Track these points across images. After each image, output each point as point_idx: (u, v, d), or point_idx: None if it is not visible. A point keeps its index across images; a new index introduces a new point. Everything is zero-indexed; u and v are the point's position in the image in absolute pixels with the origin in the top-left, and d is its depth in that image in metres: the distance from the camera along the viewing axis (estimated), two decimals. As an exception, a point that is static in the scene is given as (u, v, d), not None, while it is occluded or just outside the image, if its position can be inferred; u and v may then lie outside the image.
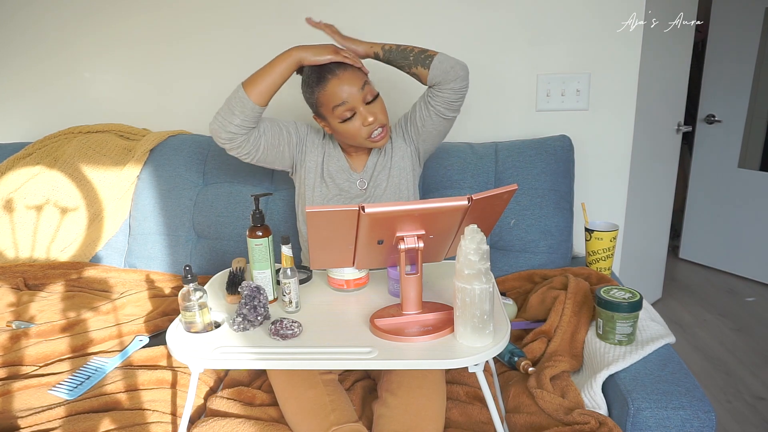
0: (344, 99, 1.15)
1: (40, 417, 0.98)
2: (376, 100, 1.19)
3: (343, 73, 1.15)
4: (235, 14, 1.82)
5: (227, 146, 1.18)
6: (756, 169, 2.65)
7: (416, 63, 1.19)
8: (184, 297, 0.92)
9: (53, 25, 1.97)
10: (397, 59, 1.21)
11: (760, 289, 2.61)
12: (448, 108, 1.22)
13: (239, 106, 1.13)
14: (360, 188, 1.29)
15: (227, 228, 1.63)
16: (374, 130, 1.19)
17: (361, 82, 1.16)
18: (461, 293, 0.83)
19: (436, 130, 1.27)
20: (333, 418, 0.93)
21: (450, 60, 1.18)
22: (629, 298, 1.06)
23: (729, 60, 2.63)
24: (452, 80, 1.18)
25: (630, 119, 1.69)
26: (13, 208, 1.74)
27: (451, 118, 1.25)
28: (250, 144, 1.19)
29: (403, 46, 1.21)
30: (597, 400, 0.99)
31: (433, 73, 1.18)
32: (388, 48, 1.21)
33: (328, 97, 1.16)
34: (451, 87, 1.19)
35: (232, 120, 1.14)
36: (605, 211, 1.78)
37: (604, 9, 1.61)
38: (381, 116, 1.19)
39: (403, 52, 1.20)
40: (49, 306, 1.43)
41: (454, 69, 1.17)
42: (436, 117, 1.23)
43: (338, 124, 1.18)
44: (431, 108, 1.22)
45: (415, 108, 1.27)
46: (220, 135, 1.16)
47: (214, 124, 1.16)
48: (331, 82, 1.15)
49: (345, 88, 1.15)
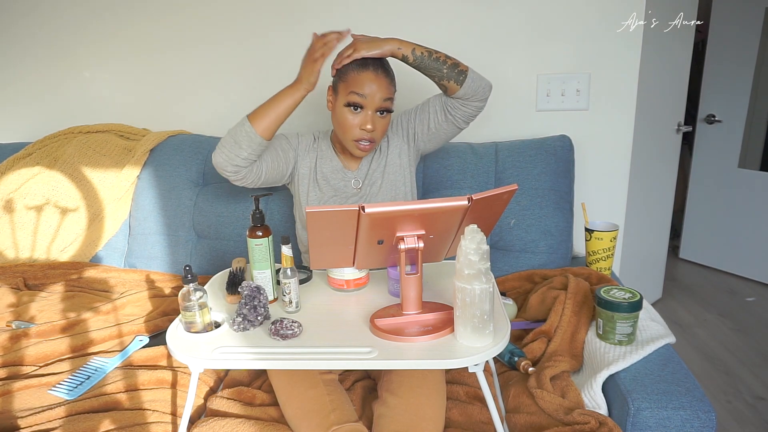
0: (365, 93, 1.16)
1: (40, 417, 0.99)
2: (386, 115, 1.20)
3: (381, 75, 1.17)
4: (236, 15, 1.82)
5: (232, 178, 1.19)
6: (756, 169, 2.65)
7: (449, 77, 1.18)
8: (184, 297, 0.92)
9: (54, 26, 1.97)
10: (429, 68, 1.18)
11: (760, 289, 2.61)
12: (466, 120, 1.27)
13: (246, 140, 1.13)
14: (354, 187, 1.30)
15: (227, 228, 1.63)
16: (364, 139, 1.20)
17: (388, 93, 1.18)
18: (461, 293, 0.83)
19: (445, 135, 1.31)
20: (333, 418, 0.93)
21: (480, 79, 1.21)
22: (629, 298, 1.06)
23: (729, 60, 2.63)
24: (478, 99, 1.23)
25: (630, 119, 1.69)
26: (13, 208, 1.74)
27: (464, 127, 1.29)
28: (253, 174, 1.20)
29: (435, 53, 1.18)
30: (597, 400, 0.99)
31: (464, 91, 1.20)
32: (420, 53, 1.17)
33: (356, 81, 1.16)
34: (475, 105, 1.23)
35: (240, 153, 1.14)
36: (605, 211, 1.78)
37: (604, 9, 1.61)
38: (378, 133, 1.20)
39: (436, 62, 1.17)
40: (49, 306, 1.43)
41: (483, 90, 1.22)
42: (452, 125, 1.27)
43: (343, 106, 1.19)
44: (449, 116, 1.25)
45: (427, 111, 1.28)
46: (226, 168, 1.16)
47: (218, 157, 1.15)
48: (369, 71, 1.16)
49: (373, 87, 1.16)
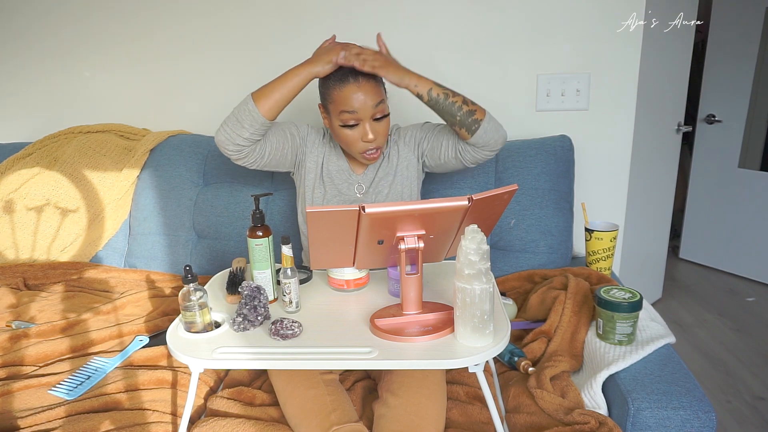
0: (355, 108, 1.12)
1: (40, 417, 0.99)
2: (384, 119, 1.17)
3: (364, 83, 1.12)
4: (236, 15, 1.82)
5: (233, 157, 1.17)
6: (756, 169, 2.65)
7: (461, 125, 1.15)
8: (184, 297, 0.92)
9: (54, 25, 1.97)
10: (443, 111, 1.15)
11: (760, 289, 2.61)
12: (474, 163, 1.24)
13: (249, 120, 1.11)
14: (358, 193, 1.28)
15: (227, 228, 1.63)
16: (369, 149, 1.18)
17: (378, 97, 1.14)
18: (461, 293, 0.83)
19: (452, 168, 1.28)
20: (333, 418, 0.93)
21: (493, 132, 1.16)
22: (629, 298, 1.06)
23: (729, 60, 2.63)
24: (489, 150, 1.20)
25: (630, 119, 1.69)
26: (13, 209, 1.74)
27: (473, 167, 1.28)
28: (256, 153, 1.17)
29: (452, 96, 1.14)
30: (597, 400, 0.99)
31: (475, 140, 1.16)
32: (436, 95, 1.13)
33: (341, 98, 1.13)
34: (485, 153, 1.21)
35: (242, 133, 1.12)
36: (605, 211, 1.78)
37: (604, 9, 1.61)
38: (381, 138, 1.18)
39: (451, 107, 1.13)
40: (49, 306, 1.43)
41: (495, 141, 1.18)
42: (460, 164, 1.24)
43: (339, 126, 1.17)
44: (459, 156, 1.22)
45: (440, 142, 1.23)
46: (227, 147, 1.14)
47: (220, 135, 1.13)
48: (350, 85, 1.12)
49: (360, 98, 1.12)
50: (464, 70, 1.72)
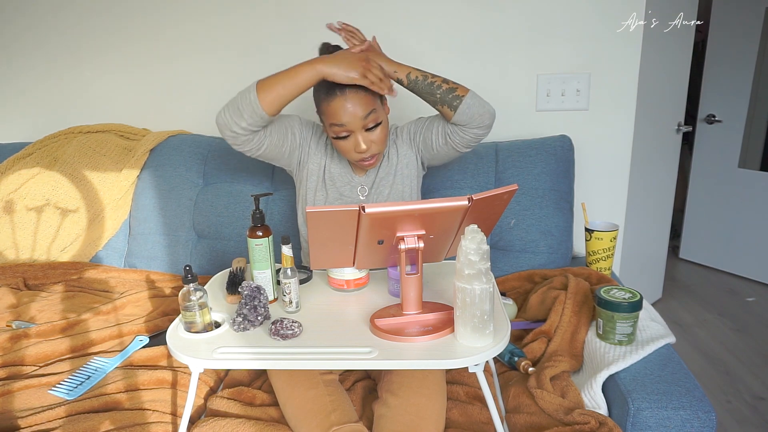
0: (344, 121, 1.10)
1: (40, 417, 0.99)
2: (377, 127, 1.14)
3: (351, 94, 1.09)
4: (236, 16, 1.82)
5: (230, 141, 1.15)
6: (756, 169, 2.65)
7: (443, 102, 1.12)
8: (184, 297, 0.92)
9: (54, 26, 1.97)
10: (423, 92, 1.14)
11: (760, 289, 2.61)
12: (466, 146, 1.20)
13: (249, 110, 1.08)
14: (361, 195, 1.28)
15: (227, 228, 1.63)
16: (364, 159, 1.17)
17: (368, 108, 1.10)
18: (461, 293, 0.83)
19: (447, 157, 1.26)
20: (333, 418, 0.93)
21: (478, 106, 1.13)
22: (629, 298, 1.06)
23: (729, 60, 2.63)
24: (477, 126, 1.15)
25: (630, 119, 1.69)
26: (13, 209, 1.74)
27: (466, 152, 1.24)
28: (253, 143, 1.15)
29: (431, 77, 1.13)
30: (597, 400, 0.99)
31: (459, 117, 1.13)
32: (414, 77, 1.13)
33: (330, 112, 1.11)
34: (473, 132, 1.16)
35: (239, 122, 1.09)
36: (605, 211, 1.78)
37: (604, 9, 1.61)
38: (376, 146, 1.16)
39: (430, 86, 1.12)
40: (49, 306, 1.43)
41: (481, 117, 1.14)
42: (452, 149, 1.22)
43: (332, 138, 1.16)
44: (448, 141, 1.19)
45: (431, 131, 1.22)
46: (224, 132, 1.12)
47: (219, 118, 1.11)
48: (336, 99, 1.09)
49: (348, 110, 1.09)
50: (464, 70, 1.72)
